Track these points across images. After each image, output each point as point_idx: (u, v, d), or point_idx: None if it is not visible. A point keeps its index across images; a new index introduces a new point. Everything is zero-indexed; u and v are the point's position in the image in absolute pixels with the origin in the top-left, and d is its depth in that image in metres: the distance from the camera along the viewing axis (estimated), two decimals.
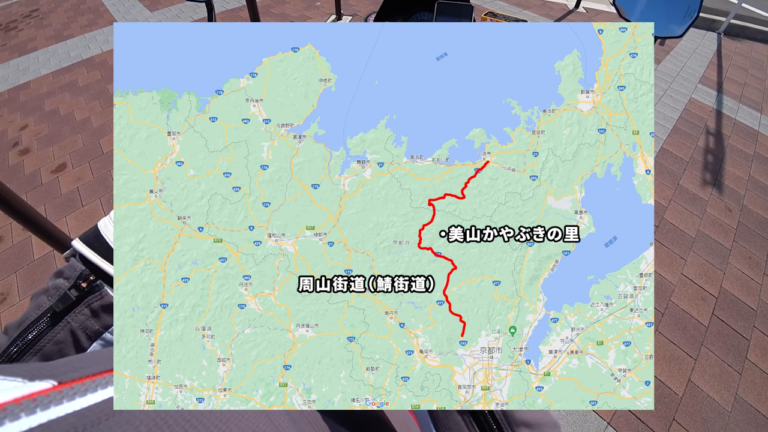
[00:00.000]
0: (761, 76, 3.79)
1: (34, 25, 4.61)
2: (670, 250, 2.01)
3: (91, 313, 0.35)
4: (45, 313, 0.33)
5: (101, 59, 3.69)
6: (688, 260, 1.98)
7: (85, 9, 4.83)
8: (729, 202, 2.35)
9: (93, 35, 4.16)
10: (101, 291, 0.35)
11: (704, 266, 1.96)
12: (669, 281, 1.88)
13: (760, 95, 3.48)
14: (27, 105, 3.16)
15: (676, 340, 1.66)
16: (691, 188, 2.40)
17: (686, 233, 2.12)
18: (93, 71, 3.52)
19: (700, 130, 2.90)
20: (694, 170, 2.55)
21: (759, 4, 5.42)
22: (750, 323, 1.74)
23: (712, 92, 3.37)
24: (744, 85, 3.58)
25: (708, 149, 2.75)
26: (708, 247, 2.06)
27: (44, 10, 5.01)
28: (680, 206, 2.27)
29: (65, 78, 3.48)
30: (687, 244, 2.06)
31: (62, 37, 4.22)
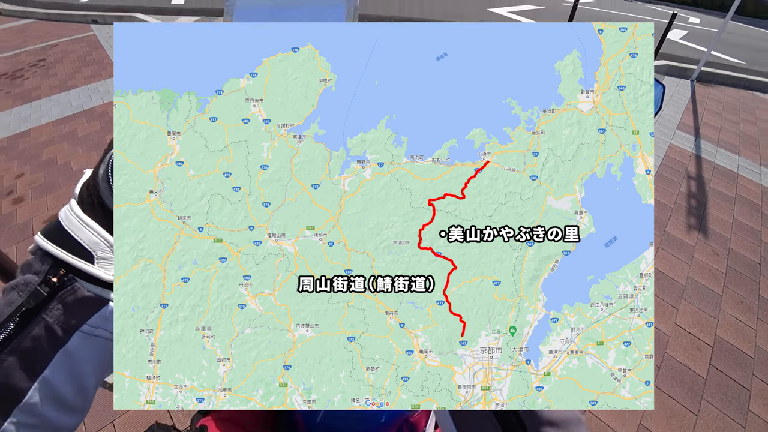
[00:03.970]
0: (735, 119, 3.94)
1: (40, 74, 4.67)
2: (662, 300, 1.97)
3: (64, 307, 0.33)
4: (17, 309, 0.32)
5: (102, 110, 3.71)
6: (681, 309, 1.94)
7: (90, 60, 4.94)
8: (716, 246, 2.35)
9: (96, 86, 4.21)
10: (74, 285, 0.33)
11: (697, 314, 1.92)
12: (663, 332, 1.83)
13: (737, 138, 3.59)
14: (25, 153, 3.15)
15: (675, 394, 1.61)
16: (678, 234, 2.40)
17: (676, 281, 2.08)
18: (93, 122, 3.53)
19: (681, 176, 2.96)
20: (679, 216, 2.56)
21: (727, 51, 5.87)
22: (749, 372, 1.70)
23: (690, 137, 3.48)
24: (720, 129, 3.71)
25: (691, 194, 2.79)
26: (699, 294, 2.02)
27: (51, 60, 5.09)
28: (668, 253, 2.24)
29: (65, 127, 3.49)
30: (678, 292, 2.02)
31: (66, 87, 4.27)
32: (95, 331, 0.34)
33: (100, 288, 0.34)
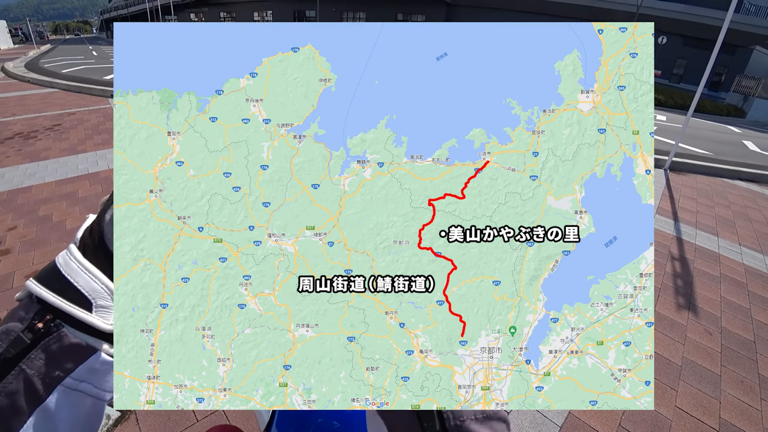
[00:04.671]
0: (710, 203, 4.21)
1: (53, 138, 4.87)
2: (659, 381, 1.91)
3: (48, 357, 0.30)
4: None
5: (106, 175, 3.81)
6: (680, 390, 1.88)
7: (103, 129, 5.21)
8: (707, 325, 2.34)
9: (104, 153, 4.39)
10: (60, 332, 0.31)
11: (697, 396, 1.86)
12: (665, 416, 1.74)
13: (714, 221, 3.78)
14: (22, 208, 3.18)
15: None
16: (668, 314, 2.39)
17: (672, 361, 2.05)
18: (95, 185, 3.63)
19: (665, 257, 3.03)
20: (667, 296, 2.57)
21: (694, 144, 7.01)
22: None
23: (669, 221, 3.65)
24: (697, 212, 3.92)
25: (677, 274, 2.84)
26: (697, 375, 1.98)
27: (66, 126, 5.34)
28: (661, 333, 2.23)
29: (67, 188, 3.55)
30: (675, 373, 1.98)
31: (75, 151, 4.44)
32: (79, 386, 0.32)
33: (91, 337, 0.32)
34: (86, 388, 0.33)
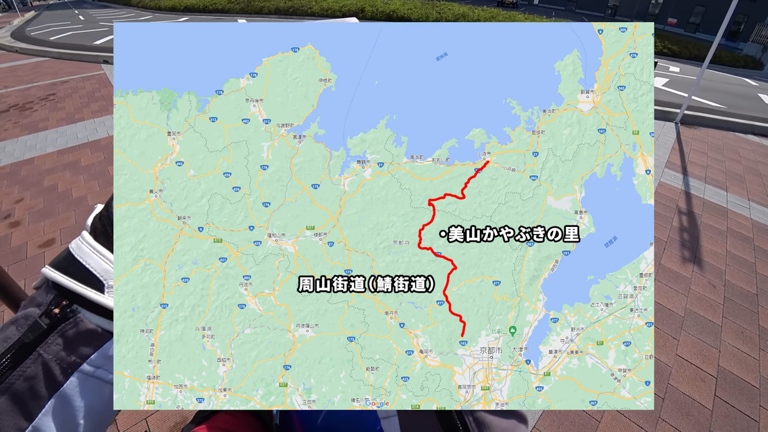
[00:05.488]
0: (720, 158, 4.14)
1: (48, 108, 4.81)
2: (661, 331, 1.97)
3: (65, 342, 0.31)
4: (13, 345, 0.30)
5: (107, 142, 3.78)
6: (681, 340, 1.94)
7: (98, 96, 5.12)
8: (711, 278, 2.37)
9: (102, 120, 4.32)
10: (76, 317, 0.32)
11: (698, 345, 1.92)
12: (665, 363, 1.81)
13: (723, 175, 3.73)
14: (27, 180, 3.19)
15: (682, 427, 1.56)
16: (673, 267, 2.42)
17: (674, 312, 2.09)
18: (96, 152, 3.60)
19: (673, 211, 3.03)
20: (673, 249, 2.59)
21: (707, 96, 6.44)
22: (755, 403, 1.68)
23: (678, 175, 3.62)
24: (706, 167, 3.87)
25: (683, 228, 2.84)
26: (699, 325, 2.03)
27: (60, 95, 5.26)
28: (665, 285, 2.26)
29: (69, 157, 3.55)
30: (677, 324, 2.03)
31: (73, 120, 4.38)
32: (96, 372, 0.32)
33: (106, 321, 0.33)
34: (103, 375, 0.33)
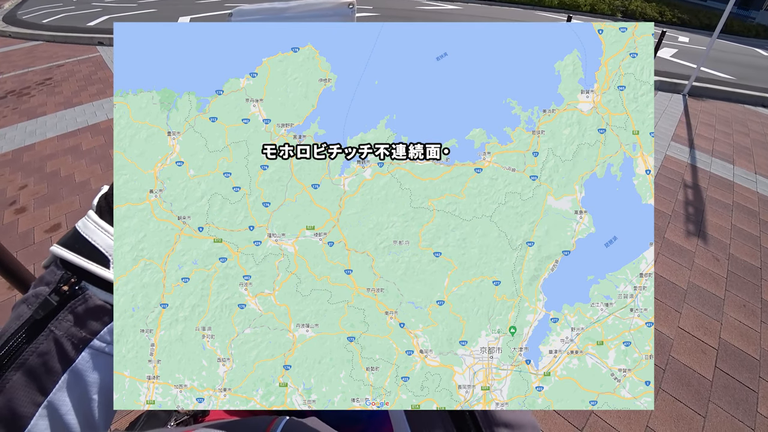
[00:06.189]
0: (728, 131, 4.03)
1: (46, 92, 4.77)
2: (664, 303, 1.98)
3: (75, 318, 0.32)
4: (25, 323, 0.31)
5: (106, 126, 3.75)
6: (683, 312, 1.95)
7: (96, 79, 5.05)
8: (716, 251, 2.36)
9: (101, 103, 4.28)
10: (85, 294, 0.33)
11: (700, 318, 1.93)
12: (666, 335, 1.83)
13: (730, 149, 3.66)
14: (29, 166, 3.19)
15: (681, 397, 1.59)
16: (677, 240, 2.41)
17: (678, 285, 2.10)
18: (97, 136, 3.58)
19: (678, 185, 3.00)
20: (677, 223, 2.58)
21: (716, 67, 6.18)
22: (755, 374, 1.69)
23: (684, 148, 3.55)
24: (714, 140, 3.78)
25: (688, 201, 2.81)
26: (701, 298, 2.04)
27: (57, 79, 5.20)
28: (668, 259, 2.26)
29: (69, 141, 3.53)
30: (680, 297, 2.03)
31: (71, 104, 4.34)
32: (106, 348, 0.33)
33: (113, 296, 0.33)
34: (113, 351, 0.34)
